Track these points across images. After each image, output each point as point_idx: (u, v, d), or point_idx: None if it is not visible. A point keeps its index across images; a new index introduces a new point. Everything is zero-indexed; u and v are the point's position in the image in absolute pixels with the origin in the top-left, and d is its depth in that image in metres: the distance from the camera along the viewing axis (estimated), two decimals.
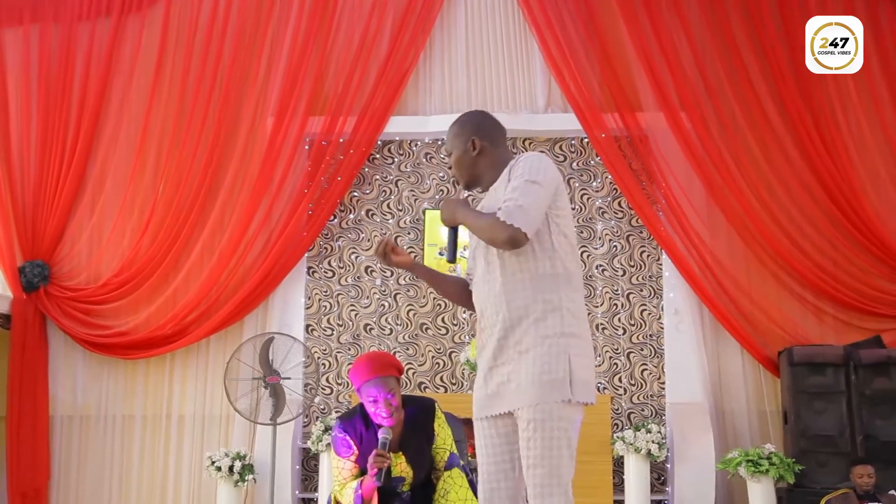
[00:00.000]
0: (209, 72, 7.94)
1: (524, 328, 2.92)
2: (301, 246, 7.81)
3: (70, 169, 7.93)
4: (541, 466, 2.83)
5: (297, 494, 7.44)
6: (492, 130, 3.18)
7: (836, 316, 7.48)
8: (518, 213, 2.86)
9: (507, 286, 2.95)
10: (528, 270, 2.94)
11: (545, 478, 2.83)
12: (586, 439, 7.73)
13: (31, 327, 7.74)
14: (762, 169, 7.60)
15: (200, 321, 7.74)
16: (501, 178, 3.06)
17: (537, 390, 2.85)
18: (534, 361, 2.88)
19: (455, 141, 3.16)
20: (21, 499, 7.50)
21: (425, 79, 8.09)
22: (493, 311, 2.99)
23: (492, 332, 2.98)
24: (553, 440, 2.84)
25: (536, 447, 2.84)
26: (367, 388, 3.73)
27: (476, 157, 3.12)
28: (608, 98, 7.73)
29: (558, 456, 2.84)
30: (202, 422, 7.79)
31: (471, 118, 3.21)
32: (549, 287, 2.94)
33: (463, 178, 3.19)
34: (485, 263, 3.05)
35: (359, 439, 3.81)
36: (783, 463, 6.72)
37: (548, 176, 2.97)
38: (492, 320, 2.99)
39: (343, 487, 3.79)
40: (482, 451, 3.05)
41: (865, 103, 7.63)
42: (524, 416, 2.87)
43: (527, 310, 2.92)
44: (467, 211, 3.05)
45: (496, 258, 2.99)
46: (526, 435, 2.86)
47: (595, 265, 7.79)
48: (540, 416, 2.84)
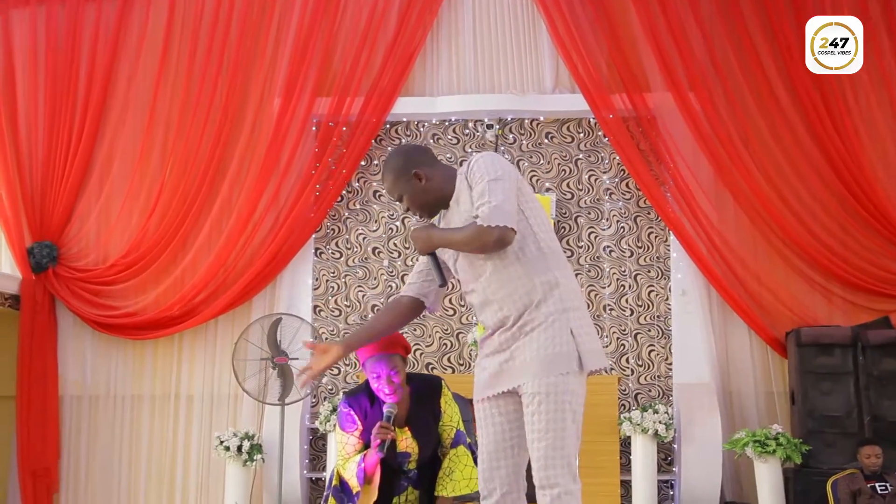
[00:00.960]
0: (216, 52, 7.93)
1: (526, 312, 2.97)
2: (308, 227, 7.82)
3: (78, 150, 7.94)
4: (545, 439, 2.86)
5: (306, 474, 7.48)
6: (422, 156, 3.20)
7: (845, 297, 7.46)
8: (497, 213, 2.89)
9: (504, 282, 2.99)
10: (518, 260, 2.99)
11: (549, 450, 2.85)
12: (593, 420, 7.76)
13: (40, 308, 7.78)
14: (771, 149, 7.57)
15: (208, 302, 7.77)
16: (459, 189, 3.09)
17: (542, 364, 2.89)
18: (538, 338, 2.93)
19: (399, 185, 3.14)
20: (31, 477, 7.56)
21: (433, 59, 8.06)
22: (495, 308, 3.02)
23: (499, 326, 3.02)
24: (557, 412, 2.87)
25: (541, 420, 2.87)
26: (371, 364, 3.76)
27: (426, 186, 3.13)
28: (616, 78, 7.69)
29: (563, 428, 2.87)
30: (210, 402, 7.82)
31: (399, 158, 3.18)
32: (541, 269, 2.99)
33: (425, 210, 3.18)
34: (470, 269, 3.07)
35: (363, 415, 3.84)
36: (790, 443, 6.73)
37: (505, 169, 3.02)
38: (497, 317, 3.02)
39: (346, 462, 3.82)
40: (483, 432, 3.08)
41: (876, 83, 7.58)
42: (529, 390, 2.90)
43: (529, 296, 2.97)
44: (442, 233, 3.07)
45: (481, 260, 3.02)
46: (531, 409, 2.89)
47: (602, 246, 7.78)
48: (545, 389, 2.88)
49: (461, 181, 3.09)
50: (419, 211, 3.17)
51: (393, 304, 3.31)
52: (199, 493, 7.74)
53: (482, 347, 3.13)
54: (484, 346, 3.11)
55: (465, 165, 3.10)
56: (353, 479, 3.76)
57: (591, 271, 7.75)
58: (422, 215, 3.20)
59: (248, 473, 7.16)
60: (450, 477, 3.78)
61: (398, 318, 3.30)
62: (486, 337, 3.10)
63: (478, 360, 3.14)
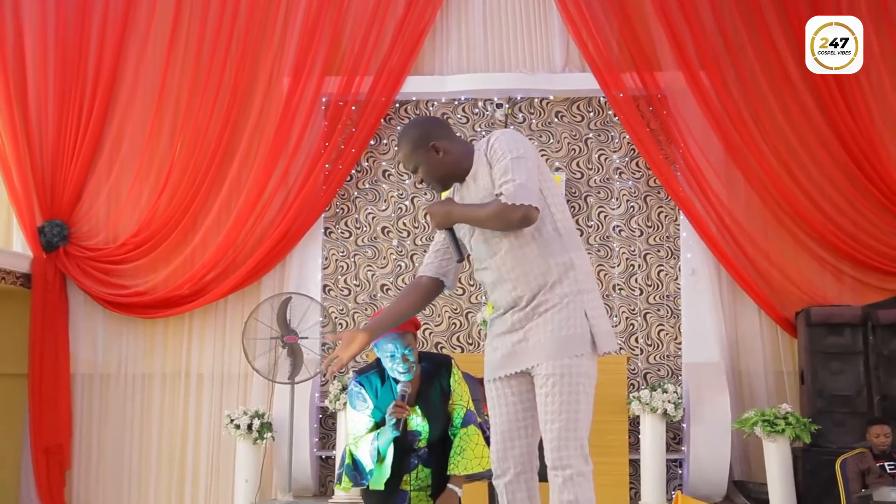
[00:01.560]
0: (225, 31, 7.92)
1: (541, 293, 2.96)
2: (318, 206, 7.82)
3: (87, 130, 7.95)
4: (558, 420, 2.86)
5: (315, 452, 7.52)
6: (441, 128, 3.18)
7: (855, 276, 7.44)
8: (521, 192, 2.88)
9: (519, 260, 2.98)
10: (535, 239, 2.98)
11: (562, 431, 2.86)
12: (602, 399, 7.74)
13: (52, 287, 7.81)
14: (782, 129, 7.53)
15: (218, 281, 7.79)
16: (477, 165, 3.07)
17: (557, 346, 2.89)
18: (552, 319, 2.93)
19: (415, 156, 3.11)
20: (44, 455, 7.63)
21: (442, 38, 8.03)
22: (509, 287, 3.01)
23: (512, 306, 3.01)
24: (571, 394, 2.88)
25: (555, 401, 2.87)
26: (383, 343, 3.75)
27: (443, 159, 3.10)
28: (626, 57, 7.66)
29: (576, 410, 2.87)
30: (221, 380, 7.86)
31: (417, 129, 3.16)
32: (558, 249, 2.99)
33: (440, 183, 3.17)
34: (485, 246, 3.06)
35: (375, 393, 3.85)
36: (799, 423, 6.73)
37: (527, 147, 3.01)
38: (510, 296, 3.01)
39: (359, 440, 3.83)
40: (496, 412, 3.08)
41: (889, 62, 7.53)
42: (542, 371, 2.90)
43: (545, 277, 2.96)
44: (462, 208, 3.05)
45: (498, 237, 3.01)
46: (544, 390, 2.90)
47: (612, 226, 7.77)
48: (559, 371, 2.88)
49: (480, 157, 3.07)
50: (433, 182, 3.16)
51: (413, 286, 3.27)
52: (209, 471, 7.79)
53: (492, 326, 3.12)
54: (495, 326, 3.10)
55: (485, 142, 3.08)
56: (367, 457, 3.77)
57: (601, 251, 7.74)
58: (436, 188, 3.19)
59: (258, 452, 7.20)
60: (461, 455, 3.79)
61: (419, 299, 3.26)
62: (496, 316, 3.09)
63: (489, 341, 3.13)
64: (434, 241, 3.32)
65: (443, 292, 3.28)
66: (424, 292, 3.24)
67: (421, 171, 3.14)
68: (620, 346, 7.59)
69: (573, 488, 2.84)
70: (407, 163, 3.16)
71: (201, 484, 7.78)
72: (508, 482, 3.04)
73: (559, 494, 2.85)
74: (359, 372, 3.97)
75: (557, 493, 2.86)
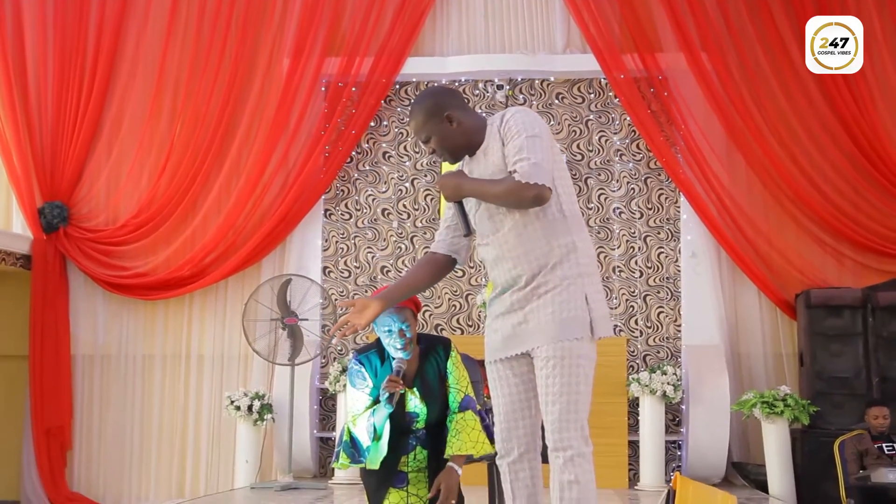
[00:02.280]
0: (224, 12, 7.89)
1: (542, 275, 2.94)
2: (318, 188, 7.82)
3: (87, 111, 7.93)
4: (559, 402, 2.87)
5: (315, 433, 7.54)
6: (455, 99, 3.14)
7: (855, 259, 7.45)
8: (536, 171, 2.86)
9: (522, 239, 2.96)
10: (539, 219, 2.95)
11: (563, 413, 2.87)
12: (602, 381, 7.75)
13: (52, 268, 7.82)
14: (783, 111, 7.51)
15: (218, 263, 7.79)
16: (489, 140, 3.04)
17: (557, 328, 2.89)
18: (552, 301, 2.92)
19: (428, 126, 3.07)
20: (45, 436, 7.65)
21: (443, 19, 8.01)
22: (509, 265, 2.99)
23: (510, 285, 3.00)
24: (572, 377, 2.88)
25: (556, 383, 2.88)
26: (382, 318, 3.74)
27: (457, 129, 3.07)
28: (628, 39, 7.64)
29: (576, 392, 2.88)
30: (221, 362, 7.88)
31: (431, 98, 3.12)
32: (561, 231, 2.97)
33: (452, 154, 3.13)
34: (489, 221, 3.04)
35: (374, 372, 3.85)
36: (798, 404, 6.75)
37: (542, 126, 2.99)
38: (510, 275, 3.00)
39: (356, 418, 3.84)
40: (498, 392, 3.08)
41: (891, 45, 7.50)
42: (543, 353, 2.91)
43: (546, 258, 2.94)
44: (474, 183, 3.02)
45: (503, 214, 2.99)
46: (545, 372, 2.90)
47: (612, 207, 7.77)
48: (560, 353, 2.88)
49: (493, 132, 3.04)
50: (445, 153, 3.13)
51: (427, 261, 3.24)
52: (209, 452, 7.82)
53: (492, 307, 3.11)
54: (494, 306, 3.10)
55: (499, 117, 3.05)
56: (364, 433, 3.79)
57: (601, 233, 7.74)
58: (447, 159, 3.16)
59: (258, 433, 7.23)
60: (457, 437, 3.80)
61: (433, 274, 3.23)
62: (495, 296, 3.09)
63: (488, 322, 3.12)
64: (444, 217, 3.29)
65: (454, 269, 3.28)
66: (438, 268, 3.23)
67: (433, 142, 3.11)
68: (620, 329, 7.60)
69: (573, 468, 2.85)
70: (419, 132, 3.12)
71: (202, 465, 7.81)
72: (512, 462, 3.04)
73: (559, 474, 2.87)
74: (359, 351, 3.98)
75: (558, 473, 2.87)
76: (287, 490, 6.69)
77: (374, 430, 3.74)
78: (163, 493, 7.82)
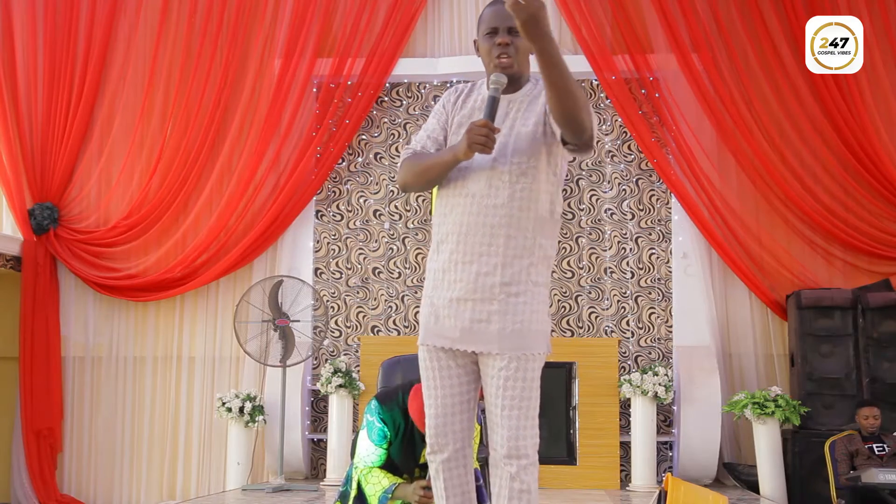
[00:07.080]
0: (216, 12, 7.88)
1: (517, 270, 2.82)
2: (310, 189, 7.81)
3: (77, 111, 7.91)
4: (518, 408, 2.81)
5: (307, 435, 7.53)
6: None
7: (846, 259, 7.47)
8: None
9: (511, 220, 2.81)
10: (533, 211, 2.83)
11: (521, 420, 2.81)
12: (593, 382, 7.80)
13: (42, 269, 7.79)
14: (774, 112, 7.53)
15: (209, 264, 7.78)
16: (535, 92, 2.90)
17: (523, 340, 2.82)
18: (524, 309, 2.84)
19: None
20: (35, 437, 7.62)
21: (434, 20, 8.01)
22: (484, 239, 2.82)
23: (478, 261, 2.82)
24: (526, 382, 2.82)
25: (516, 389, 2.80)
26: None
27: (529, 50, 2.84)
28: (619, 40, 7.65)
29: (534, 398, 2.84)
30: (212, 363, 7.86)
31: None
32: (547, 233, 2.89)
33: (511, 70, 2.85)
34: (487, 186, 2.83)
35: (396, 431, 3.78)
36: (789, 405, 6.77)
37: None
38: (480, 249, 2.82)
39: (369, 473, 3.78)
40: (437, 384, 2.93)
41: (882, 45, 7.53)
42: (502, 360, 2.82)
43: (525, 251, 2.83)
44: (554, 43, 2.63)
45: (505, 185, 2.82)
46: (503, 374, 2.81)
47: (604, 208, 7.77)
48: (524, 362, 2.82)
49: (536, 92, 2.90)
50: (515, 57, 2.87)
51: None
52: (201, 454, 7.80)
53: (447, 274, 2.88)
54: (448, 275, 2.86)
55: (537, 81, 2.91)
56: (374, 496, 3.73)
57: (592, 234, 7.75)
58: (505, 70, 2.86)
59: (249, 434, 7.22)
60: None
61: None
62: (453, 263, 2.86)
63: (438, 297, 2.89)
64: (425, 126, 3.04)
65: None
66: None
67: (514, 44, 2.87)
68: (612, 330, 7.61)
69: (526, 477, 2.80)
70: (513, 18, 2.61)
71: (193, 467, 7.79)
72: (446, 459, 2.92)
73: (511, 482, 2.79)
74: (382, 401, 3.81)
75: (509, 480, 2.79)
76: (279, 492, 6.68)
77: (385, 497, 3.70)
78: (154, 495, 7.80)
